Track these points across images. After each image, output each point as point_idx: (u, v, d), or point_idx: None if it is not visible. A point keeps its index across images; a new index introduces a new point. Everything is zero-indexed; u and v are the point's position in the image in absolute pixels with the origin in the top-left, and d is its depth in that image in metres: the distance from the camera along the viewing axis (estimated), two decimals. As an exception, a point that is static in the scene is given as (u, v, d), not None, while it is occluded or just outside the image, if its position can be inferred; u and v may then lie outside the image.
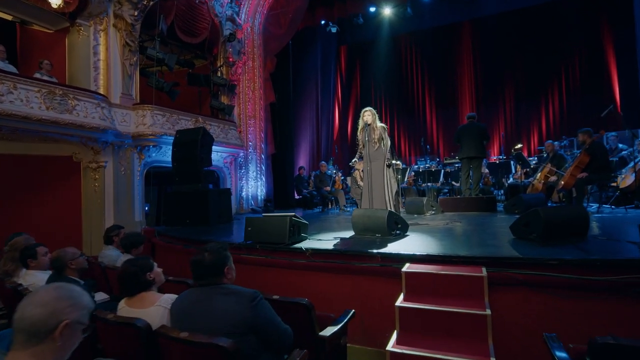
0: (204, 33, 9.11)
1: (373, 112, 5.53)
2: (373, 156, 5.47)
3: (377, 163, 5.43)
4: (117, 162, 7.23)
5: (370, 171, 5.46)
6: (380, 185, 5.37)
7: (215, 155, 9.12)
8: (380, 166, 5.42)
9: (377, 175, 5.43)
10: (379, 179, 5.40)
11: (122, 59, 7.50)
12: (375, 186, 5.41)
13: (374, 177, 5.43)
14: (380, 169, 5.42)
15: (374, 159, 5.43)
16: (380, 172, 5.41)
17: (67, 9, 6.78)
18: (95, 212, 6.99)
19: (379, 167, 5.43)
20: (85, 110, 6.42)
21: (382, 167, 5.41)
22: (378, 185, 5.40)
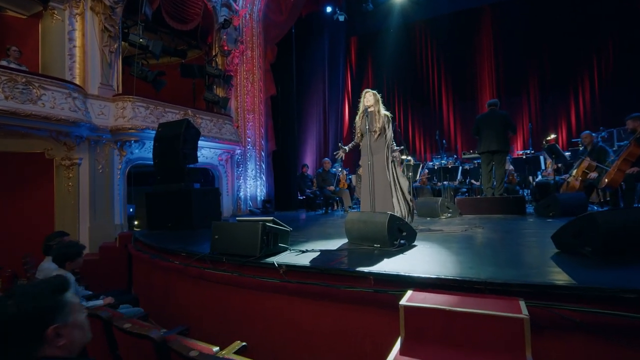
0: (195, 19, 8.36)
1: (376, 95, 4.63)
2: (374, 148, 4.56)
3: (379, 156, 4.52)
4: (93, 159, 6.54)
5: (372, 166, 4.55)
6: (383, 184, 4.45)
7: (208, 152, 8.37)
8: (382, 160, 4.51)
9: (379, 171, 4.52)
10: (382, 176, 4.49)
11: (101, 45, 6.81)
12: (378, 185, 4.49)
13: (377, 174, 4.52)
14: (383, 164, 4.50)
15: (376, 151, 4.52)
16: (383, 167, 4.50)
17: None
18: (69, 215, 6.31)
19: (382, 161, 4.52)
20: (52, 101, 5.74)
21: (384, 161, 4.49)
22: (381, 183, 4.48)
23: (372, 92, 4.63)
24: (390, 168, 4.51)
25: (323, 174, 8.61)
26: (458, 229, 4.27)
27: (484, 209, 5.84)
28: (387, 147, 4.52)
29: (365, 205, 4.52)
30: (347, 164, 10.91)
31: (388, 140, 4.52)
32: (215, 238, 3.52)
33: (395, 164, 4.61)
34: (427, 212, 5.87)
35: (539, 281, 2.01)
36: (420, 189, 8.30)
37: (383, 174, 4.49)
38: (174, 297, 3.87)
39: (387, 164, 4.49)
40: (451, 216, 5.71)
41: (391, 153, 4.58)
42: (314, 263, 2.82)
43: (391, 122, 4.63)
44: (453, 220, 5.39)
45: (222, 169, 8.93)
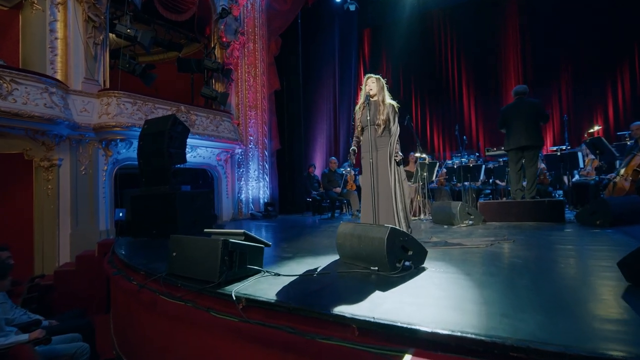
0: (191, 8, 7.77)
1: (380, 81, 3.86)
2: (378, 143, 3.79)
3: (383, 153, 3.75)
4: (75, 160, 6.02)
5: (375, 164, 3.77)
6: (386, 186, 3.68)
7: (204, 152, 7.76)
8: (385, 158, 3.73)
9: (383, 171, 3.74)
10: (385, 177, 3.71)
11: (85, 37, 6.29)
12: (382, 186, 3.72)
13: (380, 175, 3.75)
14: (386, 162, 3.72)
15: (379, 146, 3.75)
16: (386, 166, 3.72)
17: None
18: (48, 221, 5.80)
19: (385, 160, 3.74)
20: (25, 96, 5.22)
21: (387, 159, 3.71)
22: (385, 184, 3.71)
23: (376, 77, 3.86)
24: (393, 168, 3.72)
25: (329, 174, 7.86)
26: (482, 243, 3.44)
27: (513, 215, 4.94)
28: (392, 144, 3.74)
29: (366, 213, 3.75)
30: (357, 164, 10.11)
31: (393, 135, 3.75)
32: (173, 256, 2.83)
33: (398, 165, 3.82)
34: (444, 218, 5.03)
35: (624, 355, 1.19)
36: (437, 190, 7.42)
37: (386, 175, 3.72)
38: (130, 327, 3.21)
39: (390, 164, 3.71)
40: (473, 224, 4.85)
41: (396, 151, 3.79)
42: (284, 295, 2.09)
43: (397, 114, 3.84)
44: (475, 229, 4.53)
45: (221, 169, 8.32)
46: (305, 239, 4.57)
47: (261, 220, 8.12)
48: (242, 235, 2.78)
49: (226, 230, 3.08)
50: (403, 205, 3.70)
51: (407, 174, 7.09)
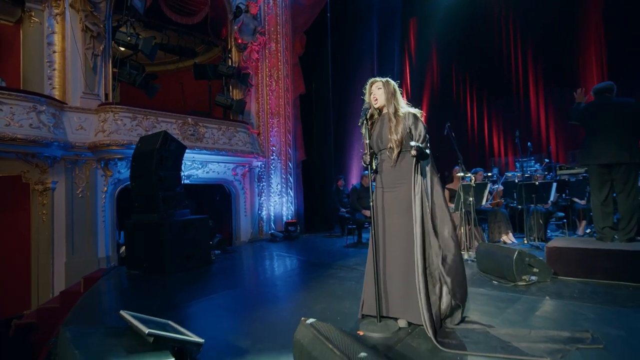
0: (202, 9, 7.07)
1: (389, 85, 2.65)
2: (389, 177, 2.60)
3: (396, 193, 2.56)
4: (71, 182, 5.57)
5: (383, 209, 2.61)
6: (403, 244, 2.50)
7: (217, 167, 7.03)
8: (403, 200, 2.53)
9: (396, 219, 2.54)
10: (404, 230, 2.50)
11: (83, 48, 5.83)
12: (392, 243, 2.55)
13: (393, 226, 2.57)
14: (407, 205, 2.51)
15: (393, 183, 2.56)
16: (407, 212, 2.50)
17: (1, -12, 5.31)
18: (44, 249, 5.41)
19: (403, 201, 2.53)
20: (9, 117, 4.81)
21: (410, 198, 2.50)
22: (398, 241, 2.52)
23: (382, 80, 2.67)
24: (423, 211, 2.47)
25: (359, 191, 6.67)
26: (545, 346, 2.09)
27: (600, 268, 3.40)
28: (418, 171, 2.51)
29: (368, 288, 2.58)
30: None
31: (419, 159, 2.51)
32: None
33: (434, 204, 2.57)
34: (494, 268, 3.64)
35: None
36: (491, 213, 5.89)
37: (405, 228, 2.49)
38: None
39: (416, 204, 2.47)
40: (538, 280, 3.41)
41: (429, 180, 2.56)
42: None
43: (422, 122, 2.60)
44: (539, 300, 3.10)
45: (238, 184, 7.54)
46: (320, 287, 3.48)
47: (280, 242, 7.20)
48: (163, 326, 1.82)
49: (142, 317, 2.13)
50: (443, 271, 2.42)
51: (449, 192, 5.67)
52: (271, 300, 3.46)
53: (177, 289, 4.06)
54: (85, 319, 3.34)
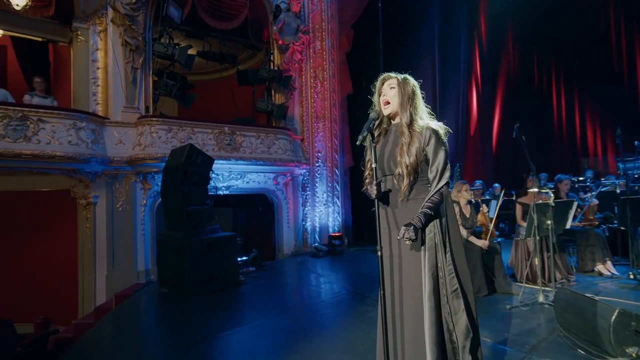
0: (242, 12, 6.78)
1: (408, 84, 1.88)
2: (397, 216, 1.85)
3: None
4: (111, 196, 5.63)
5: (391, 258, 1.88)
6: (414, 292, 1.74)
7: (257, 177, 6.70)
8: (412, 255, 1.77)
9: (411, 263, 1.79)
10: (413, 275, 1.76)
11: (123, 62, 5.88)
12: (408, 292, 1.80)
13: (405, 269, 1.82)
14: (412, 265, 1.76)
15: (402, 224, 1.78)
16: (417, 258, 1.76)
17: (47, 11, 5.52)
18: (86, 261, 5.55)
19: (409, 259, 1.79)
20: (50, 135, 4.95)
21: (415, 260, 1.75)
22: (411, 289, 1.77)
23: (397, 77, 1.90)
24: (435, 258, 1.73)
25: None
26: None
27: None
28: (434, 209, 1.74)
29: None
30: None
31: (435, 182, 1.74)
32: None
33: (451, 242, 1.79)
34: (580, 329, 2.61)
35: None
36: (581, 234, 4.59)
37: (415, 272, 1.75)
38: None
39: (427, 252, 1.72)
40: (648, 356, 2.32)
41: (449, 222, 1.80)
42: None
43: (441, 150, 1.80)
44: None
45: (280, 194, 7.13)
46: (341, 333, 2.84)
47: (324, 257, 6.62)
48: None
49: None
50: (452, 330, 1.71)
51: (522, 208, 4.53)
52: (281, 344, 2.89)
53: (199, 317, 3.74)
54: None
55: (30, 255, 5.84)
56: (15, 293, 5.72)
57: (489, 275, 3.97)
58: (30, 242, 5.86)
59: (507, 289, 3.88)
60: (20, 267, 5.74)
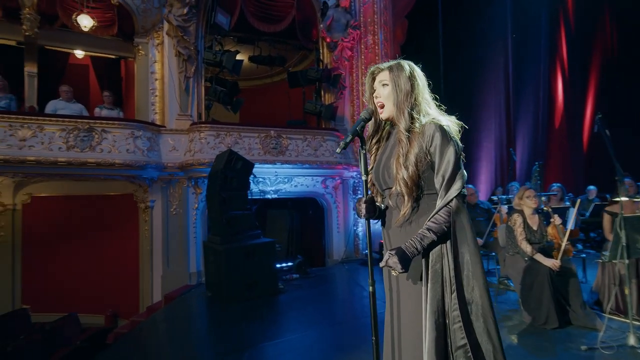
0: (289, 13, 6.69)
1: (402, 73, 1.48)
2: (396, 240, 1.49)
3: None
4: (166, 200, 5.93)
5: (391, 289, 1.53)
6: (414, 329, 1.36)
7: (304, 180, 6.56)
8: (413, 288, 1.40)
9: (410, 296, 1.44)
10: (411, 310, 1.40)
11: (177, 72, 6.16)
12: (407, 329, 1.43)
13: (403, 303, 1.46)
14: (414, 300, 1.38)
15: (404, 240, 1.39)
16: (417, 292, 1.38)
17: (112, 30, 5.99)
18: (145, 261, 5.92)
19: (411, 293, 1.41)
20: (111, 144, 5.35)
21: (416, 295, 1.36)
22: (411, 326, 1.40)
23: (388, 69, 1.51)
24: (442, 298, 1.33)
25: (465, 210, 5.11)
26: None
27: None
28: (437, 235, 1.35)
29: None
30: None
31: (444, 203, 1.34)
32: None
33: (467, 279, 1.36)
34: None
35: None
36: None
37: (415, 316, 1.38)
38: None
39: (430, 289, 1.33)
40: None
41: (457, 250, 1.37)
42: None
43: (449, 148, 1.37)
44: None
45: (330, 197, 6.88)
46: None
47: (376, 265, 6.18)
48: None
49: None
50: None
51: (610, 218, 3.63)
52: None
53: (238, 326, 3.70)
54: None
55: (103, 253, 6.42)
56: (90, 287, 6.34)
57: (562, 303, 3.23)
58: (102, 242, 6.45)
59: (585, 322, 3.11)
60: (94, 263, 6.34)
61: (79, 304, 6.02)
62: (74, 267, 6.34)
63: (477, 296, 1.32)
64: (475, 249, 1.36)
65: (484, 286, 1.33)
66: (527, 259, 3.43)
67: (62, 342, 4.37)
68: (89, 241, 6.35)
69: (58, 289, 6.23)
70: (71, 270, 6.33)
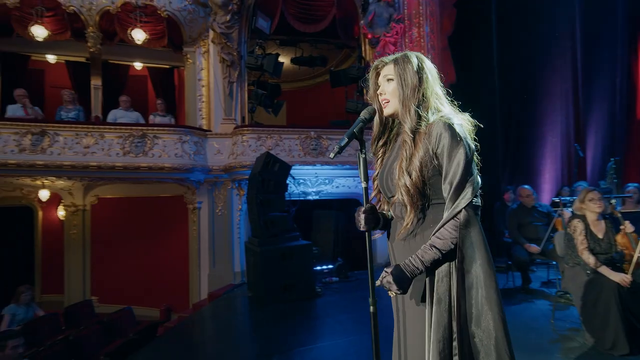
0: (329, 11, 6.61)
1: (408, 66, 1.30)
2: (400, 255, 1.33)
3: (408, 292, 1.26)
4: (212, 202, 6.18)
5: (397, 307, 1.38)
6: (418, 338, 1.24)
7: (345, 181, 6.44)
8: (418, 311, 1.24)
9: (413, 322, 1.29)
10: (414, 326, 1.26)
11: (222, 77, 6.38)
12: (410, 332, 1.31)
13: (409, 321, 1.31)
14: (418, 322, 1.22)
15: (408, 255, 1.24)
16: (419, 329, 1.22)
17: (162, 42, 6.36)
18: (193, 260, 6.22)
19: (415, 315, 1.25)
20: (162, 149, 5.69)
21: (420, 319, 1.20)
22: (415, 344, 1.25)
23: (393, 62, 1.32)
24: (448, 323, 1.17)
25: (519, 212, 4.64)
26: None
27: None
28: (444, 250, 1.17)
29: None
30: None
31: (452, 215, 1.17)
32: None
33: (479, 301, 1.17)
34: None
35: None
36: None
37: (420, 340, 1.22)
38: None
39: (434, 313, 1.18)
40: None
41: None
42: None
43: (459, 149, 1.18)
44: None
45: (373, 199, 6.65)
46: None
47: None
48: None
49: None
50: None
51: None
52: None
53: (275, 328, 3.72)
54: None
55: (159, 251, 6.87)
56: (147, 282, 6.82)
57: (633, 325, 2.75)
58: (158, 240, 6.90)
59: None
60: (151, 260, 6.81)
61: (138, 297, 6.51)
62: (134, 263, 6.87)
63: (491, 327, 1.12)
64: (490, 269, 1.16)
65: (499, 315, 1.13)
66: (589, 272, 2.98)
67: (118, 334, 4.73)
68: (147, 239, 6.83)
69: (120, 283, 6.80)
70: (131, 265, 6.87)
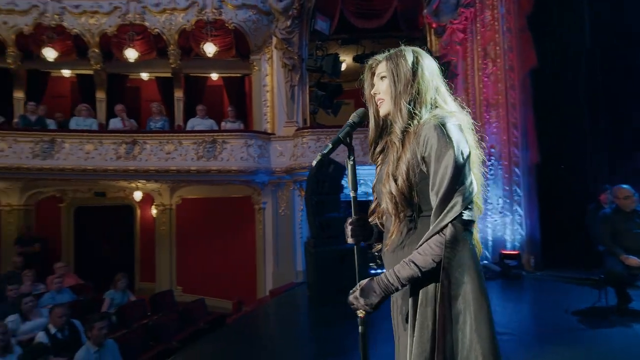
0: (390, 4, 6.37)
1: (402, 62, 1.16)
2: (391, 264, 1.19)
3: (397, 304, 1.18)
4: (275, 202, 6.42)
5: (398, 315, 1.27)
6: None
7: (407, 181, 6.10)
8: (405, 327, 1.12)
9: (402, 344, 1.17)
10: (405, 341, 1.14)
11: (284, 82, 6.59)
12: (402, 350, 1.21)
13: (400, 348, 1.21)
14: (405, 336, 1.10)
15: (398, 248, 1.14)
16: None
17: (230, 53, 6.79)
18: (260, 260, 6.53)
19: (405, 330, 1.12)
20: (229, 154, 6.10)
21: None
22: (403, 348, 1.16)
23: (385, 59, 1.19)
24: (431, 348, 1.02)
25: (615, 217, 3.88)
26: None
27: None
28: None
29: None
30: None
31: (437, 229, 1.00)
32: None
33: None
34: None
35: None
36: None
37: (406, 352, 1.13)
38: None
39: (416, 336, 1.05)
40: None
41: None
42: None
43: (448, 153, 1.00)
44: None
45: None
46: None
47: (493, 280, 5.30)
48: None
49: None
50: None
51: None
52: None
53: (330, 329, 3.71)
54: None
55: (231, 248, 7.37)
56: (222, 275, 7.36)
57: None
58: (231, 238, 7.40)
59: None
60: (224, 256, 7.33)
61: (214, 290, 7.07)
62: (211, 258, 7.47)
63: (479, 348, 0.94)
64: (481, 296, 0.97)
65: (489, 349, 0.94)
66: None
67: (191, 322, 5.20)
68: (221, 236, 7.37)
69: (198, 276, 7.47)
70: (208, 260, 7.48)
